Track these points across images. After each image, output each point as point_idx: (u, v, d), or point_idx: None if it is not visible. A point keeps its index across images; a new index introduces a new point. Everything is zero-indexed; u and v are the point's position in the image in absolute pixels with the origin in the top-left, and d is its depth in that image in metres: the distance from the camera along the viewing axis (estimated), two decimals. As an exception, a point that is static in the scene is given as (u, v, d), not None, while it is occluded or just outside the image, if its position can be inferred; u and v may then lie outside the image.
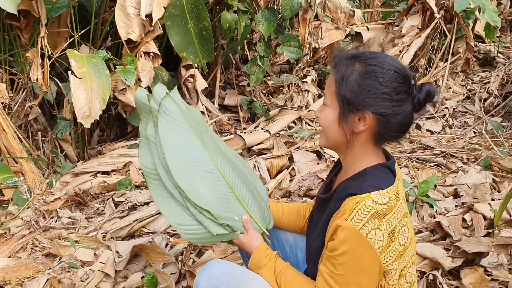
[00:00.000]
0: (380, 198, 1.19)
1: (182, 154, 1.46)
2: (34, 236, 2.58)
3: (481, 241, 2.07)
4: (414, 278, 1.34)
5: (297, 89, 3.98)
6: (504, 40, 5.31)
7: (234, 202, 1.52)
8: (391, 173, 1.30)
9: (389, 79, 1.22)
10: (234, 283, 1.36)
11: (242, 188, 1.55)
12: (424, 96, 1.24)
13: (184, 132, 1.48)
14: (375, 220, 1.17)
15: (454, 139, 3.51)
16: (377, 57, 1.26)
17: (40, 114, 3.48)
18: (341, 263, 1.20)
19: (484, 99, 4.19)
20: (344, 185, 1.30)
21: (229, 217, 1.49)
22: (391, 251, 1.20)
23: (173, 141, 1.46)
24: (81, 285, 2.15)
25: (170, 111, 1.47)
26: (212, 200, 1.47)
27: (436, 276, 2.06)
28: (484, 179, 2.65)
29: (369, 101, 1.22)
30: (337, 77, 1.26)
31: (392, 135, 1.29)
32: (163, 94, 1.48)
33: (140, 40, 3.30)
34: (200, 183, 1.47)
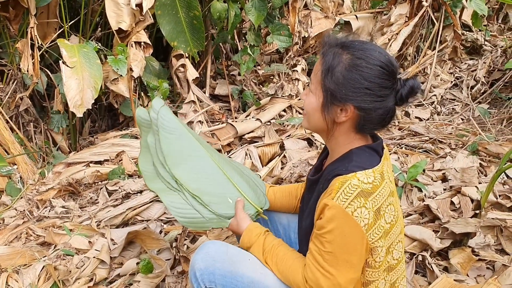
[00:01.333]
0: (366, 178, 1.23)
1: (179, 149, 1.64)
2: (28, 226, 2.59)
3: (468, 222, 2.13)
4: (402, 255, 1.38)
5: (288, 78, 4.00)
6: (491, 29, 5.37)
7: (229, 187, 1.61)
8: (377, 154, 1.33)
9: (373, 75, 1.23)
10: (230, 262, 1.39)
11: (237, 177, 1.65)
12: (407, 92, 1.26)
13: (181, 133, 1.68)
14: (360, 199, 1.20)
15: (442, 125, 3.57)
16: (366, 49, 1.26)
17: (31, 105, 3.47)
18: (329, 241, 1.24)
19: (471, 86, 4.26)
20: (330, 167, 1.34)
21: (222, 199, 1.57)
22: (377, 228, 1.24)
23: (171, 140, 1.65)
24: (77, 272, 2.17)
25: (168, 117, 1.69)
26: (207, 187, 1.58)
27: (425, 257, 2.11)
28: (471, 163, 2.70)
29: (352, 95, 1.25)
30: (323, 67, 1.29)
31: (373, 127, 1.33)
32: (161, 105, 1.70)
33: (130, 29, 3.30)
34: (195, 172, 1.60)
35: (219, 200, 1.58)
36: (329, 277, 1.25)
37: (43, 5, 3.26)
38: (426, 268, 2.09)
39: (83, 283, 2.11)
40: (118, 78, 3.26)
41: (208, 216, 1.56)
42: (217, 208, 1.57)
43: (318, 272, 1.26)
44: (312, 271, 1.27)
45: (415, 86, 1.27)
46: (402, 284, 1.41)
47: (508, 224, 2.20)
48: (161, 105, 1.70)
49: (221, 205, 1.58)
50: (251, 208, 1.61)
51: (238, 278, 1.37)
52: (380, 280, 1.34)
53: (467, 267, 2.07)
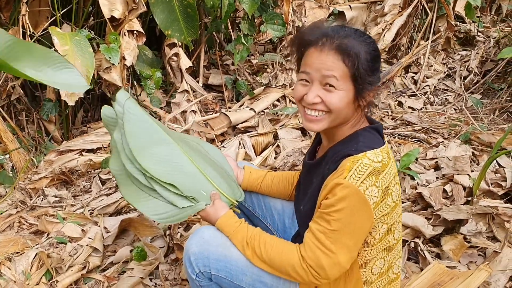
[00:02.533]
0: (375, 157, 1.25)
1: (146, 140, 1.56)
2: (21, 215, 2.58)
3: (460, 209, 2.15)
4: (400, 236, 1.40)
5: (281, 68, 4.00)
6: (484, 20, 5.38)
7: (201, 178, 1.56)
8: (379, 134, 1.35)
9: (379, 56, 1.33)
10: (224, 246, 1.39)
11: (210, 169, 1.59)
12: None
13: (147, 124, 1.60)
14: (372, 177, 1.22)
15: (435, 115, 3.59)
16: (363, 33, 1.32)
17: (22, 94, 3.44)
18: (336, 219, 1.24)
19: (464, 77, 4.28)
20: (335, 149, 1.34)
21: (195, 191, 1.53)
22: (383, 206, 1.26)
23: (137, 132, 1.57)
24: (70, 259, 2.17)
25: (133, 109, 1.59)
26: (177, 176, 1.52)
27: (417, 243, 2.13)
28: (464, 152, 2.72)
29: (378, 78, 1.32)
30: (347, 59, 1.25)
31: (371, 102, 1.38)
32: (127, 97, 1.61)
33: (123, 18, 3.27)
34: (164, 163, 1.54)
35: (194, 190, 1.53)
36: (330, 255, 1.25)
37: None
38: (419, 254, 2.11)
39: (76, 270, 2.11)
40: (111, 67, 3.24)
41: (182, 204, 1.51)
42: (193, 193, 1.52)
43: (319, 250, 1.26)
44: (312, 249, 1.27)
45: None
46: (397, 264, 1.43)
47: (500, 212, 2.22)
48: (126, 97, 1.60)
49: (195, 194, 1.53)
50: (226, 201, 1.56)
51: (232, 262, 1.37)
52: (379, 259, 1.35)
53: (459, 254, 2.09)
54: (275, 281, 1.37)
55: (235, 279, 1.38)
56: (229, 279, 1.38)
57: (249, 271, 1.37)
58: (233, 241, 1.40)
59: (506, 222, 2.19)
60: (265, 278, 1.37)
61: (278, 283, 1.37)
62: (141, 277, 2.07)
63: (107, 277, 2.11)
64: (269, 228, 1.72)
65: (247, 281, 1.38)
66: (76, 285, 2.09)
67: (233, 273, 1.38)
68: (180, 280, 2.09)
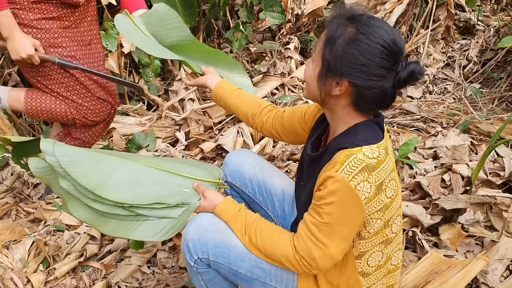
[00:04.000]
0: (371, 152, 1.22)
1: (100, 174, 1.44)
2: (18, 204, 2.57)
3: (459, 198, 2.15)
4: (399, 229, 1.39)
5: (280, 56, 3.97)
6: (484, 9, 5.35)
7: (174, 179, 1.52)
8: (380, 129, 1.32)
9: (372, 53, 1.21)
10: (222, 233, 1.39)
11: (173, 165, 1.56)
12: (406, 76, 1.22)
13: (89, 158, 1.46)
14: (364, 173, 1.20)
15: (434, 104, 3.58)
16: (371, 25, 1.23)
17: (19, 81, 3.41)
18: (327, 212, 1.23)
19: (463, 66, 4.26)
20: (335, 141, 1.33)
21: (178, 193, 1.48)
22: (376, 202, 1.24)
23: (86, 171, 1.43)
24: (67, 247, 2.16)
25: (66, 152, 1.44)
26: (152, 191, 1.47)
27: (415, 232, 2.14)
28: (462, 141, 2.72)
29: (347, 70, 1.23)
30: (326, 36, 1.27)
31: (368, 107, 1.30)
32: (52, 144, 1.45)
33: (121, 4, 3.24)
34: (132, 186, 1.46)
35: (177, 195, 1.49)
36: (322, 247, 1.25)
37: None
38: (416, 243, 2.11)
39: (73, 258, 2.11)
40: (108, 54, 3.21)
41: (177, 213, 1.47)
42: (180, 199, 1.48)
43: (310, 242, 1.26)
44: (304, 240, 1.27)
45: (416, 70, 1.22)
46: (396, 256, 1.42)
47: (498, 201, 2.22)
48: (52, 145, 1.44)
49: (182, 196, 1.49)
50: (211, 186, 1.54)
51: (230, 248, 1.37)
52: (376, 252, 1.34)
53: (456, 243, 2.09)
54: (273, 268, 1.37)
55: (233, 265, 1.38)
56: (227, 265, 1.38)
57: (247, 257, 1.37)
58: (232, 228, 1.39)
59: (504, 211, 2.19)
60: (263, 264, 1.37)
61: (276, 269, 1.38)
62: (138, 265, 2.07)
63: (104, 265, 2.11)
64: (269, 214, 1.72)
65: (245, 267, 1.38)
66: (73, 273, 2.09)
67: (231, 259, 1.37)
68: (178, 268, 2.09)
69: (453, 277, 1.84)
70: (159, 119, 3.32)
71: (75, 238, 2.23)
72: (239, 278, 1.41)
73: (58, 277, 2.04)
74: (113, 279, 2.02)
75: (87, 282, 2.04)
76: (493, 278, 1.90)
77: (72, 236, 2.25)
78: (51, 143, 1.44)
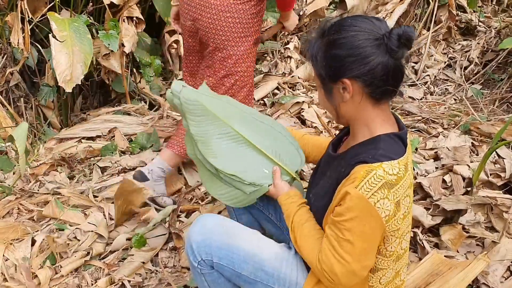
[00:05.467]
0: (391, 169, 1.20)
1: (207, 132, 1.60)
2: (20, 202, 2.58)
3: (460, 199, 2.15)
4: (408, 246, 1.38)
5: (281, 56, 3.98)
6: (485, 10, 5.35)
7: (260, 158, 1.61)
8: (403, 143, 1.30)
9: (347, 41, 1.21)
10: (227, 235, 1.40)
11: (268, 143, 1.63)
12: (395, 42, 1.20)
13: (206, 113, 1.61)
14: (384, 190, 1.19)
15: (435, 105, 3.58)
16: (337, 24, 1.26)
17: (21, 80, 3.43)
18: (348, 229, 1.22)
19: (464, 67, 4.26)
20: (355, 151, 1.31)
21: (257, 171, 1.58)
22: (397, 220, 1.23)
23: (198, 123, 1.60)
24: (75, 244, 2.17)
25: (191, 99, 1.61)
26: (238, 164, 1.58)
27: (416, 233, 2.14)
28: (463, 142, 2.72)
29: (339, 70, 1.24)
30: (309, 59, 1.31)
31: (383, 90, 1.26)
32: (180, 88, 1.62)
33: (123, 4, 3.25)
34: (225, 153, 1.58)
35: (256, 173, 1.58)
36: (344, 263, 1.24)
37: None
38: (417, 244, 2.12)
39: (79, 256, 2.12)
40: (110, 54, 3.22)
41: (249, 190, 1.57)
42: (255, 180, 1.57)
43: (333, 258, 1.25)
44: (327, 255, 1.26)
45: (402, 32, 1.19)
46: (404, 271, 1.42)
47: (498, 202, 2.23)
48: (180, 88, 1.62)
49: (259, 177, 1.58)
50: (287, 175, 1.61)
51: (234, 250, 1.38)
52: (389, 270, 1.35)
53: (457, 244, 2.10)
54: (276, 270, 1.38)
55: (237, 268, 1.38)
56: (230, 267, 1.39)
57: (250, 260, 1.38)
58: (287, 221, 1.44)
59: (504, 212, 2.20)
60: (266, 267, 1.38)
61: (280, 272, 1.38)
62: (142, 262, 2.08)
63: (107, 264, 2.12)
64: (271, 218, 1.71)
65: (248, 270, 1.38)
66: (76, 272, 2.10)
67: (235, 262, 1.38)
68: (180, 268, 2.10)
69: (453, 278, 1.84)
70: (161, 119, 3.32)
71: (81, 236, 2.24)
72: (242, 280, 1.41)
73: (64, 275, 2.05)
74: (117, 275, 2.02)
75: (89, 281, 2.05)
76: (494, 279, 1.91)
77: (73, 233, 2.26)
78: (180, 86, 1.61)
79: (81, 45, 2.94)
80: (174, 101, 1.62)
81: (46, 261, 2.11)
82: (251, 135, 1.62)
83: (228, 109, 1.66)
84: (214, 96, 1.69)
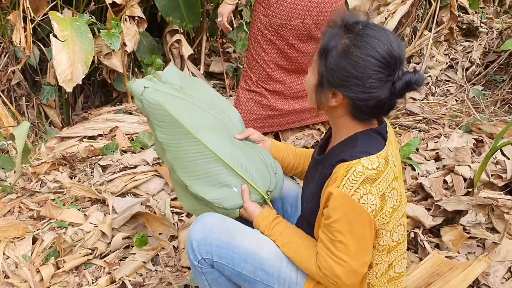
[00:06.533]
0: (370, 164, 1.21)
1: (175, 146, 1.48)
2: (21, 200, 2.58)
3: (461, 200, 2.15)
4: (402, 238, 1.38)
5: (283, 56, 3.97)
6: (487, 11, 5.35)
7: (231, 176, 1.50)
8: (382, 137, 1.31)
9: (364, 66, 1.18)
10: (227, 233, 1.39)
11: (239, 160, 1.52)
12: (401, 87, 1.19)
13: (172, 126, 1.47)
14: (366, 186, 1.19)
15: (437, 106, 3.58)
16: (365, 35, 1.20)
17: (23, 79, 3.43)
18: (338, 230, 1.23)
19: (466, 68, 4.25)
20: (335, 151, 1.33)
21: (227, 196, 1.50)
22: (385, 213, 1.23)
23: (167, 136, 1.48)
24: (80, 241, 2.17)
25: (153, 102, 1.45)
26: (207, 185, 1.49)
27: (417, 233, 2.14)
28: (465, 143, 2.72)
29: (341, 83, 1.23)
30: (320, 46, 1.27)
31: (366, 117, 1.29)
32: (142, 89, 1.45)
33: (124, 3, 3.25)
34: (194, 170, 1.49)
35: (223, 193, 1.50)
36: (343, 264, 1.25)
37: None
38: (418, 244, 2.12)
39: (83, 254, 2.12)
40: (111, 53, 3.22)
41: (218, 211, 1.50)
42: (222, 202, 1.49)
43: (331, 260, 1.26)
44: (326, 259, 1.27)
45: (412, 81, 1.19)
46: (400, 265, 1.42)
47: (499, 203, 2.23)
48: (141, 89, 1.45)
49: (228, 199, 1.50)
50: (256, 195, 1.53)
51: (234, 249, 1.38)
52: (383, 263, 1.35)
53: (458, 244, 2.10)
54: (276, 270, 1.38)
55: (237, 267, 1.38)
56: (230, 266, 1.39)
57: (250, 259, 1.38)
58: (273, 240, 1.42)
59: (505, 213, 2.19)
60: (266, 267, 1.38)
61: (280, 271, 1.38)
62: (143, 261, 2.08)
63: (107, 263, 2.12)
64: None
65: (248, 269, 1.38)
66: (76, 271, 2.10)
67: (235, 261, 1.38)
68: (181, 267, 2.10)
69: (454, 278, 1.84)
70: (162, 118, 3.32)
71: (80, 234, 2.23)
72: (242, 280, 1.41)
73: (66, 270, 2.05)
74: (117, 274, 2.03)
75: (90, 279, 2.05)
76: (495, 280, 1.91)
77: (75, 232, 2.25)
78: (141, 86, 1.45)
79: (82, 44, 2.94)
80: (136, 103, 1.47)
81: (50, 258, 2.11)
82: (222, 148, 1.49)
83: (197, 111, 1.52)
84: (181, 86, 1.54)
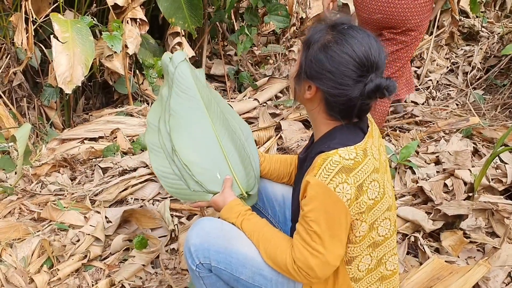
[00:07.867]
0: (347, 154, 1.24)
1: (186, 112, 1.57)
2: (22, 202, 2.58)
3: (461, 204, 2.15)
4: (390, 233, 1.38)
5: (284, 59, 3.98)
6: (488, 15, 5.36)
7: (221, 162, 1.58)
8: (361, 131, 1.34)
9: (338, 61, 1.23)
10: (225, 238, 1.39)
11: (234, 154, 1.61)
12: (370, 90, 1.22)
13: (193, 94, 1.59)
14: (342, 175, 1.21)
15: (437, 110, 3.58)
16: (347, 35, 1.25)
17: (24, 80, 3.43)
18: (313, 219, 1.24)
19: (467, 72, 4.26)
20: (315, 146, 1.36)
21: (211, 172, 1.55)
22: (360, 203, 1.25)
23: (181, 100, 1.57)
24: (72, 248, 2.17)
25: (185, 74, 1.58)
26: (196, 158, 1.55)
27: (417, 238, 2.14)
28: (465, 147, 2.72)
29: (316, 75, 1.27)
30: (305, 38, 1.32)
31: (337, 115, 1.31)
32: (182, 59, 1.59)
33: (126, 5, 3.26)
34: (192, 141, 1.55)
35: (208, 174, 1.55)
36: (318, 255, 1.25)
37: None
38: (418, 249, 2.12)
39: (77, 259, 2.11)
40: (113, 55, 3.23)
41: (193, 187, 1.55)
42: (203, 180, 1.54)
43: (306, 251, 1.27)
44: (300, 251, 1.28)
45: (382, 85, 1.22)
46: (391, 261, 1.42)
47: (500, 208, 2.23)
48: (181, 59, 1.58)
49: (209, 179, 1.55)
50: (237, 189, 1.58)
51: (232, 254, 1.38)
52: (364, 256, 1.35)
53: (458, 249, 2.10)
54: (274, 275, 1.38)
55: (235, 272, 1.38)
56: (228, 271, 1.39)
57: (248, 264, 1.38)
58: (240, 229, 1.43)
59: (505, 218, 2.19)
60: (264, 271, 1.38)
61: (278, 276, 1.38)
62: (143, 264, 2.08)
63: (107, 265, 2.12)
64: (270, 220, 1.72)
65: (246, 274, 1.38)
66: (76, 273, 2.10)
67: (233, 266, 1.38)
68: (180, 270, 2.10)
69: (454, 283, 1.84)
70: (163, 120, 3.32)
71: (80, 238, 2.24)
72: (240, 284, 1.41)
73: (61, 278, 2.05)
74: (117, 277, 2.02)
75: (90, 281, 2.05)
76: (495, 284, 1.91)
77: (76, 235, 2.25)
78: (182, 57, 1.58)
79: (83, 46, 2.95)
80: (168, 67, 1.59)
81: (43, 266, 2.10)
82: (225, 136, 1.60)
83: (213, 104, 1.63)
84: (207, 85, 1.66)
